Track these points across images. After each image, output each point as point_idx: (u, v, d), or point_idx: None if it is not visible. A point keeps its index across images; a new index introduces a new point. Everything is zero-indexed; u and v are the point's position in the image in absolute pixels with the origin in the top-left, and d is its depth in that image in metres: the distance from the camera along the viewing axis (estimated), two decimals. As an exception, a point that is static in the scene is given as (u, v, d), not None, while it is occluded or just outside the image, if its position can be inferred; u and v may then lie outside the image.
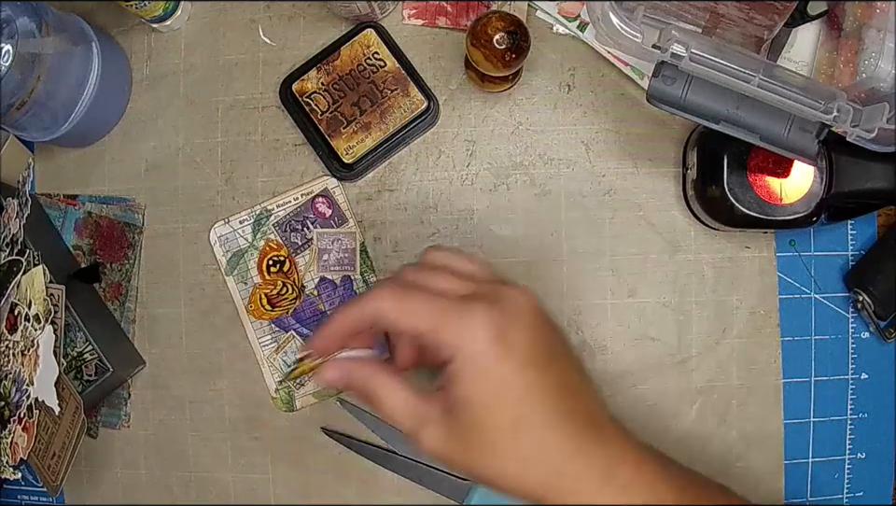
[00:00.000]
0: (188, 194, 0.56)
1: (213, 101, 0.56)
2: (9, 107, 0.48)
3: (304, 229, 0.54)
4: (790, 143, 0.42)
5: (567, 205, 0.53)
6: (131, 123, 0.56)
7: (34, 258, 0.50)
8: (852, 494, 0.52)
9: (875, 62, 0.42)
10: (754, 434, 0.52)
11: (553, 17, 0.53)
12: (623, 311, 0.53)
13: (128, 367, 0.55)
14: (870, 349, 0.52)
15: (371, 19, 0.53)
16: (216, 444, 0.55)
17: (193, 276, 0.55)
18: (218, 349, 0.55)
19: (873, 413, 0.52)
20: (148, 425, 0.55)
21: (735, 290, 0.52)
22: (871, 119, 0.41)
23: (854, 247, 0.53)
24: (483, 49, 0.45)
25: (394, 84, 0.52)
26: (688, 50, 0.40)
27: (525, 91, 0.54)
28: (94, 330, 0.52)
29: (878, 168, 0.46)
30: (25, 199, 0.53)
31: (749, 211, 0.47)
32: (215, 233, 0.55)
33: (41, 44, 0.47)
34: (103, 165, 0.56)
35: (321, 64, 0.53)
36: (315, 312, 0.54)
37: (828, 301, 0.52)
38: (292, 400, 0.54)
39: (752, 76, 0.40)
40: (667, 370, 0.52)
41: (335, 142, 0.52)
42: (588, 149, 0.53)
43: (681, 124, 0.52)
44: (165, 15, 0.54)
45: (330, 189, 0.54)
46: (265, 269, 0.54)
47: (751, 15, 0.47)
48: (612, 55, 0.52)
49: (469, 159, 0.54)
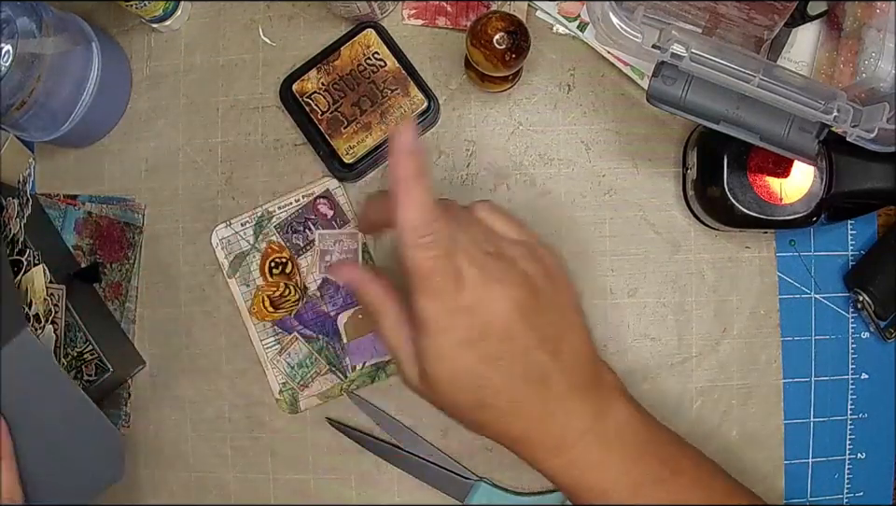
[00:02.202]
0: (188, 194, 0.56)
1: (213, 101, 0.56)
2: (9, 107, 0.48)
3: (306, 230, 0.54)
4: (790, 143, 0.42)
5: (567, 205, 0.53)
6: (131, 123, 0.56)
7: (34, 258, 0.50)
8: (852, 494, 0.52)
9: (875, 62, 0.42)
10: (754, 434, 0.52)
11: (552, 17, 0.53)
12: (623, 311, 0.53)
13: (128, 367, 0.55)
14: (870, 349, 0.52)
15: (371, 19, 0.53)
16: (216, 444, 0.55)
17: (193, 276, 0.55)
18: (219, 349, 0.55)
19: (873, 413, 0.52)
20: (148, 425, 0.55)
21: (735, 290, 0.52)
22: (871, 119, 0.41)
23: (854, 247, 0.53)
24: (483, 49, 0.45)
25: (394, 84, 0.52)
26: (688, 50, 0.40)
27: (525, 91, 0.54)
28: (94, 330, 0.52)
29: (878, 168, 0.46)
30: (26, 199, 0.53)
31: (749, 211, 0.47)
32: (216, 236, 0.55)
33: (41, 44, 0.47)
34: (103, 165, 0.56)
35: (321, 64, 0.53)
36: (318, 313, 0.54)
37: (828, 301, 0.53)
38: (296, 401, 0.54)
39: (752, 76, 0.40)
40: (667, 370, 0.52)
41: (335, 142, 0.52)
42: (588, 149, 0.53)
43: (681, 124, 0.52)
44: (165, 15, 0.54)
45: (332, 190, 0.54)
46: (267, 271, 0.54)
47: (751, 15, 0.47)
48: (612, 55, 0.52)
49: (468, 159, 0.54)
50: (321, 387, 0.54)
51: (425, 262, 0.35)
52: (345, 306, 0.54)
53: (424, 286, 0.35)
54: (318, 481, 0.54)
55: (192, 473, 0.55)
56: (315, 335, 0.54)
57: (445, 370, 0.37)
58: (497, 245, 0.39)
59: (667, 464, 0.39)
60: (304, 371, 0.54)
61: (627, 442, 0.39)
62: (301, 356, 0.54)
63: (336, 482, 0.54)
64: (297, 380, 0.54)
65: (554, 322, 0.38)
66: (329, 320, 0.54)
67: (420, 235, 0.35)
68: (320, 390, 0.54)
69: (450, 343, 0.36)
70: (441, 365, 0.36)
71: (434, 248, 0.35)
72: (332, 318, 0.54)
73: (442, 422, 0.53)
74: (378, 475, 0.54)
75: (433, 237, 0.35)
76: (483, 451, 0.53)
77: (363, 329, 0.54)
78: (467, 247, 0.37)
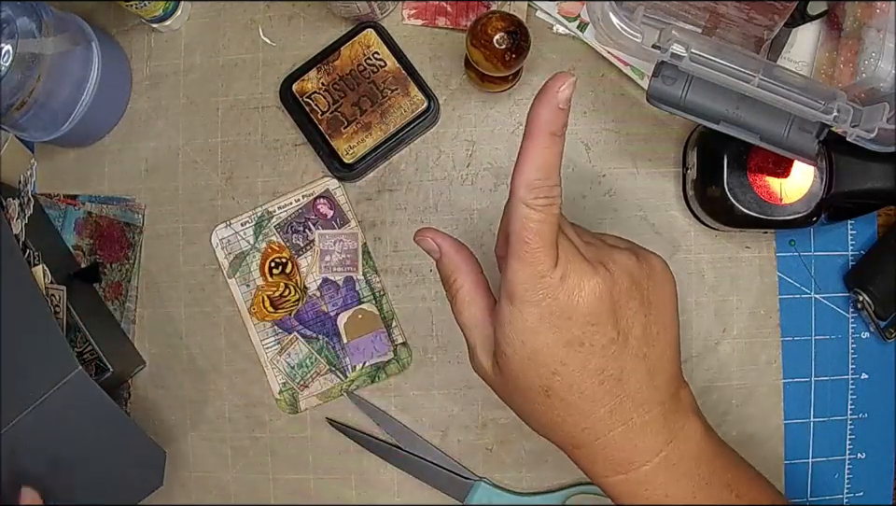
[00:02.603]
0: (188, 194, 0.56)
1: (213, 101, 0.56)
2: (9, 107, 0.48)
3: (306, 230, 0.54)
4: (790, 143, 0.42)
5: (567, 205, 0.53)
6: (131, 123, 0.56)
7: (34, 258, 0.50)
8: (852, 494, 0.52)
9: (875, 62, 0.42)
10: (754, 434, 0.52)
11: (552, 17, 0.53)
12: (624, 311, 0.53)
13: (128, 367, 0.55)
14: (870, 349, 0.52)
15: (371, 19, 0.53)
16: (216, 444, 0.55)
17: (193, 276, 0.55)
18: (218, 349, 0.55)
19: (873, 413, 0.52)
20: (148, 424, 0.55)
21: (735, 290, 0.52)
22: (871, 119, 0.41)
23: (854, 247, 0.53)
24: (483, 49, 0.45)
25: (394, 84, 0.52)
26: (688, 50, 0.40)
27: (525, 91, 0.54)
28: (94, 330, 0.52)
29: (878, 168, 0.46)
30: (27, 199, 0.53)
31: (749, 211, 0.47)
32: (216, 236, 0.55)
33: (41, 44, 0.47)
34: (103, 165, 0.56)
35: (321, 64, 0.53)
36: (318, 313, 0.54)
37: (828, 301, 0.53)
38: (296, 401, 0.54)
39: (752, 76, 0.40)
40: (667, 370, 0.52)
41: (335, 142, 0.52)
42: (588, 149, 0.53)
43: (681, 124, 0.52)
44: (165, 15, 0.54)
45: (331, 189, 0.54)
46: (267, 271, 0.54)
47: (751, 15, 0.47)
48: (612, 55, 0.52)
49: (468, 159, 0.54)
50: (321, 387, 0.54)
51: (530, 223, 0.33)
52: (345, 306, 0.54)
53: (522, 249, 0.33)
54: (318, 481, 0.54)
55: (192, 473, 0.55)
56: (315, 335, 0.54)
57: (523, 346, 0.34)
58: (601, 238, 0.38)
59: (732, 488, 0.38)
60: (304, 371, 0.54)
61: (697, 466, 0.37)
62: (301, 356, 0.54)
63: (336, 482, 0.54)
64: (297, 380, 0.54)
65: (645, 324, 0.36)
66: (329, 320, 0.54)
67: (535, 195, 0.33)
68: (320, 390, 0.54)
69: (534, 315, 0.34)
70: (519, 339, 0.34)
71: (544, 212, 0.33)
72: (332, 318, 0.54)
73: (442, 422, 0.53)
74: (378, 475, 0.54)
75: (547, 200, 0.33)
76: (483, 451, 0.53)
77: (363, 329, 0.54)
78: (569, 230, 0.36)
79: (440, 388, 0.54)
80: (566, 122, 0.33)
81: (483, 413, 0.53)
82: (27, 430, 0.45)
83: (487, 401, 0.53)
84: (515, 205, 0.33)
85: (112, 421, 0.47)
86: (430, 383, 0.54)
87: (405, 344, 0.54)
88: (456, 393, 0.54)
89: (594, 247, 0.36)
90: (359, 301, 0.54)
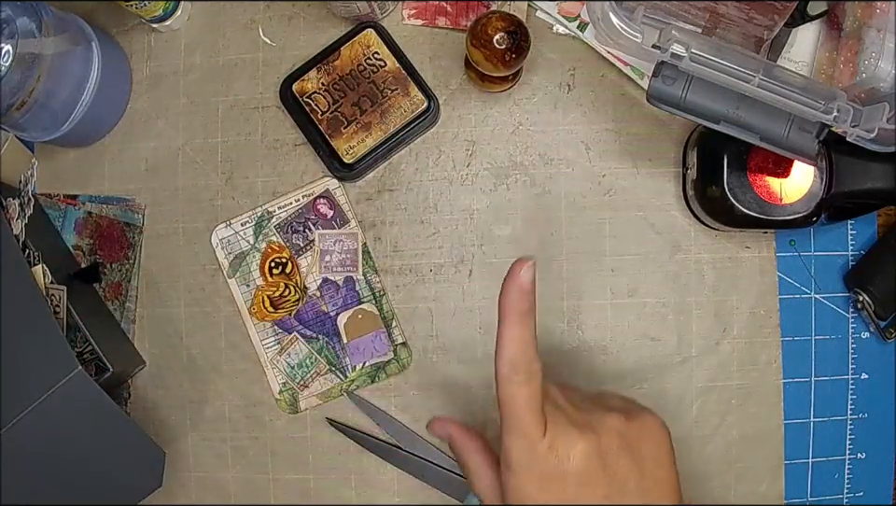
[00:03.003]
0: (188, 194, 0.56)
1: (213, 101, 0.56)
2: (9, 107, 0.48)
3: (306, 230, 0.54)
4: (790, 143, 0.42)
5: (567, 205, 0.53)
6: (131, 123, 0.56)
7: (33, 258, 0.50)
8: (852, 494, 0.52)
9: (875, 62, 0.42)
10: (754, 434, 0.52)
11: (553, 17, 0.53)
12: (623, 311, 0.53)
13: (128, 367, 0.55)
14: (870, 349, 0.52)
15: (371, 19, 0.53)
16: (216, 444, 0.55)
17: (193, 276, 0.55)
18: (218, 349, 0.55)
19: (873, 413, 0.52)
20: (148, 424, 0.55)
21: (735, 290, 0.52)
22: (871, 119, 0.41)
23: (854, 247, 0.53)
24: (483, 49, 0.45)
25: (394, 84, 0.52)
26: (688, 50, 0.40)
27: (525, 91, 0.54)
28: (94, 330, 0.52)
29: (878, 168, 0.46)
30: (27, 199, 0.53)
31: (749, 211, 0.47)
32: (216, 236, 0.55)
33: (41, 44, 0.47)
34: (103, 165, 0.56)
35: (321, 64, 0.53)
36: (318, 313, 0.54)
37: (828, 301, 0.53)
38: (296, 401, 0.54)
39: (752, 76, 0.40)
40: (667, 370, 0.52)
41: (335, 142, 0.52)
42: (588, 149, 0.53)
43: (681, 124, 0.52)
44: (165, 15, 0.54)
45: (331, 190, 0.54)
46: (267, 271, 0.54)
47: (751, 15, 0.47)
48: (612, 55, 0.52)
49: (468, 159, 0.54)
50: (321, 387, 0.54)
51: (516, 399, 0.36)
52: (345, 306, 0.54)
53: (513, 423, 0.36)
54: (318, 481, 0.54)
55: (192, 473, 0.55)
56: (314, 335, 0.54)
57: None
58: (593, 400, 0.40)
59: None
60: (304, 371, 0.54)
61: None
62: (301, 356, 0.54)
63: (336, 482, 0.54)
64: (297, 380, 0.54)
65: (640, 478, 0.38)
66: (329, 320, 0.54)
67: (516, 372, 0.35)
68: (320, 390, 0.54)
69: (530, 481, 0.36)
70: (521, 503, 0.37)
71: (527, 386, 0.36)
72: (332, 318, 0.54)
73: (442, 422, 0.53)
74: (378, 475, 0.54)
75: (527, 376, 0.36)
76: (483, 451, 0.53)
77: (363, 329, 0.54)
78: (558, 396, 0.38)
79: (440, 388, 0.54)
80: (533, 301, 0.36)
81: (483, 413, 0.53)
82: (27, 430, 0.45)
83: (487, 401, 0.53)
84: (501, 384, 0.36)
85: (112, 421, 0.47)
86: (430, 383, 0.54)
87: (405, 344, 0.54)
88: (456, 393, 0.54)
89: (582, 411, 0.38)
90: (359, 301, 0.54)
